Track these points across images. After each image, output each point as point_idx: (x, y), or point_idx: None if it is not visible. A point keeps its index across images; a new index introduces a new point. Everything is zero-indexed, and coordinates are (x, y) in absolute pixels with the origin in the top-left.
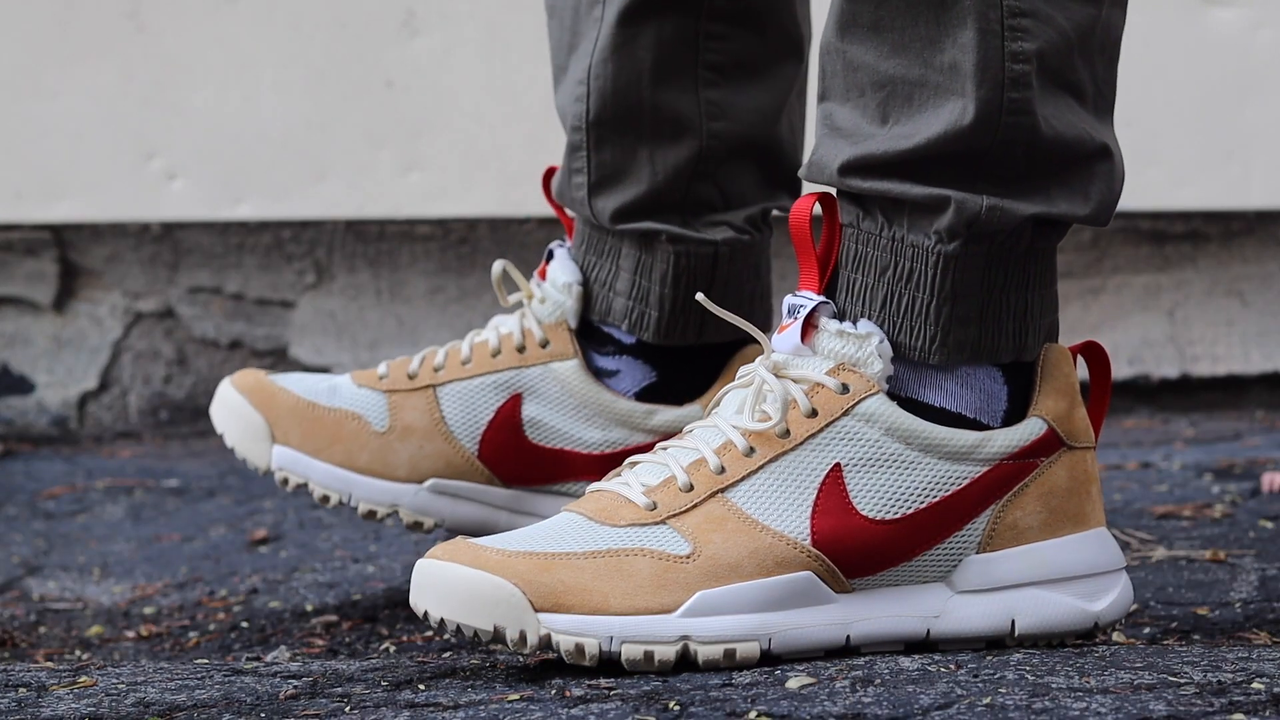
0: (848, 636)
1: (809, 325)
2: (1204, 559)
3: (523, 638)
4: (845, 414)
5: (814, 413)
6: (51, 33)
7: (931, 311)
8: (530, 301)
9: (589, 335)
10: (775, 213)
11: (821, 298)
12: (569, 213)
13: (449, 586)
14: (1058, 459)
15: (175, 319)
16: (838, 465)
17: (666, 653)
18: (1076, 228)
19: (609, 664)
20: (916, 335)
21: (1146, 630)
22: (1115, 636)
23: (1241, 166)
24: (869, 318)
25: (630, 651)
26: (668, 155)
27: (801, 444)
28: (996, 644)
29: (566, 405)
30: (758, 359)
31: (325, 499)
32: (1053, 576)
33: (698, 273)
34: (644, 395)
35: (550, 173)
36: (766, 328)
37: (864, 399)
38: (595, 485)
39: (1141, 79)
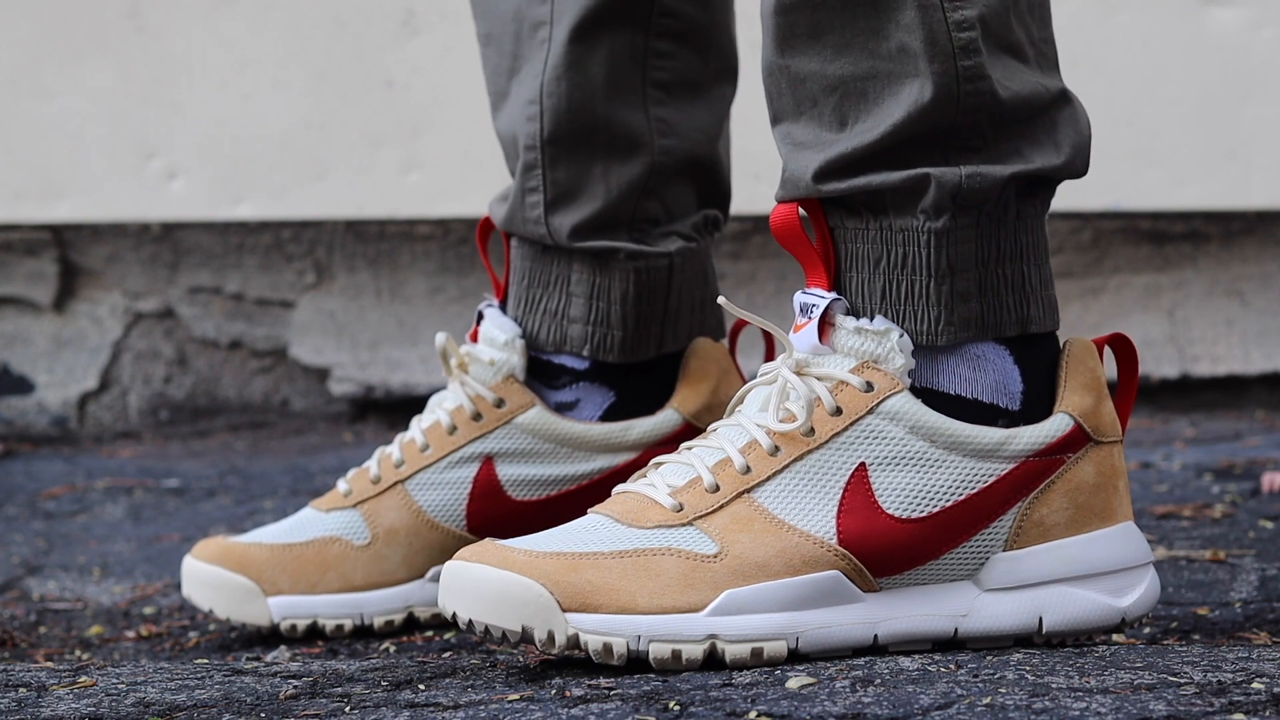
0: (875, 635)
1: (825, 323)
2: (1204, 559)
3: (551, 638)
4: (870, 412)
5: (839, 411)
6: (51, 33)
7: (931, 292)
8: (465, 371)
9: (537, 374)
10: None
11: (834, 294)
12: (513, 242)
13: (477, 588)
14: (1084, 454)
15: (175, 319)
16: (863, 464)
17: (694, 651)
18: (1075, 228)
19: (637, 663)
20: (921, 319)
21: (1146, 630)
22: (1114, 636)
23: (1241, 166)
24: (870, 313)
25: (658, 650)
26: (621, 172)
27: (826, 443)
28: (1024, 641)
29: (541, 453)
30: (779, 358)
31: (340, 628)
32: (1080, 573)
33: (655, 286)
34: (608, 416)
35: (486, 224)
36: (718, 335)
37: (888, 397)
38: (621, 486)
39: (1141, 79)
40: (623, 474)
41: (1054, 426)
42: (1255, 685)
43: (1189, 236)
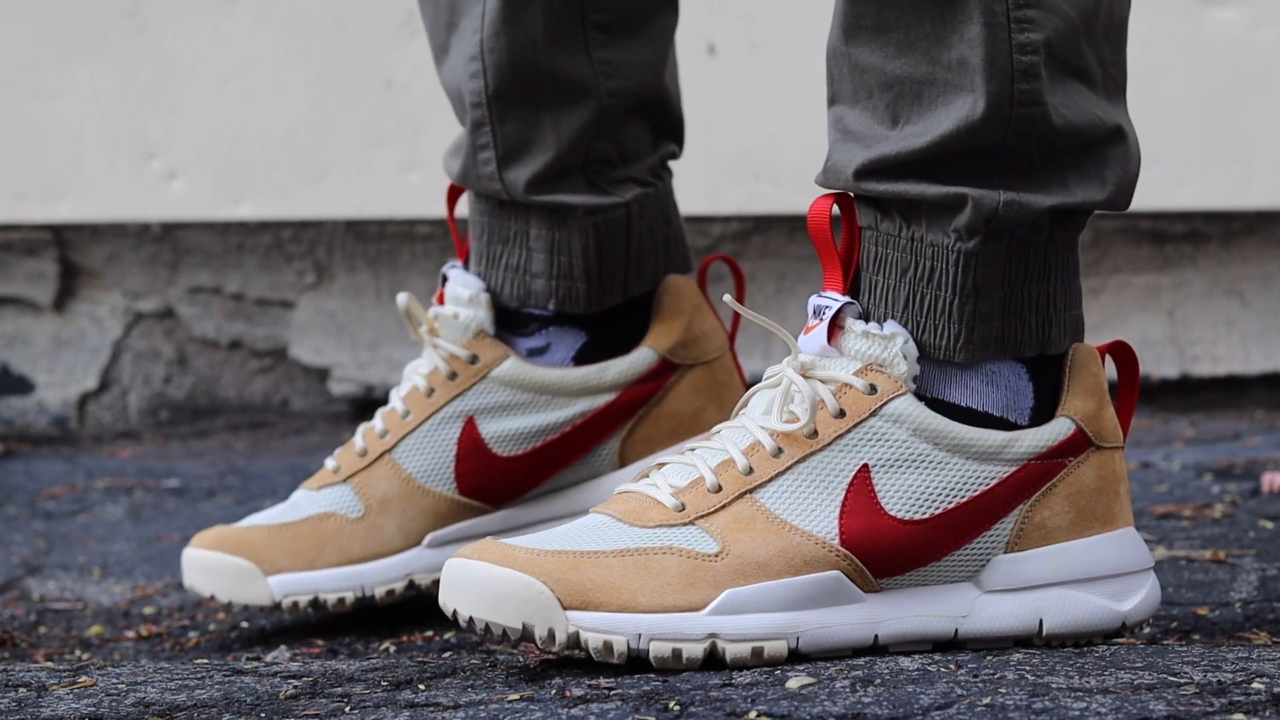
0: (876, 636)
1: (835, 326)
2: (1204, 559)
3: (551, 635)
4: (873, 415)
5: (842, 413)
6: (51, 33)
7: (954, 309)
8: (435, 334)
9: (505, 324)
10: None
11: (846, 298)
12: (472, 198)
13: (478, 585)
14: (1086, 459)
15: (175, 319)
16: (865, 466)
17: (695, 650)
18: None
19: (638, 662)
20: (941, 334)
21: (1146, 630)
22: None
23: (1241, 166)
24: (892, 319)
25: (658, 649)
26: (570, 119)
27: (829, 444)
28: (1024, 642)
29: (521, 404)
30: (785, 360)
31: (342, 601)
32: (1081, 576)
33: (615, 236)
34: (581, 357)
35: (454, 190)
36: (685, 269)
37: (892, 399)
38: (623, 486)
39: (1141, 79)
40: (603, 415)
41: (1056, 430)
42: (1255, 685)
43: (1189, 236)
